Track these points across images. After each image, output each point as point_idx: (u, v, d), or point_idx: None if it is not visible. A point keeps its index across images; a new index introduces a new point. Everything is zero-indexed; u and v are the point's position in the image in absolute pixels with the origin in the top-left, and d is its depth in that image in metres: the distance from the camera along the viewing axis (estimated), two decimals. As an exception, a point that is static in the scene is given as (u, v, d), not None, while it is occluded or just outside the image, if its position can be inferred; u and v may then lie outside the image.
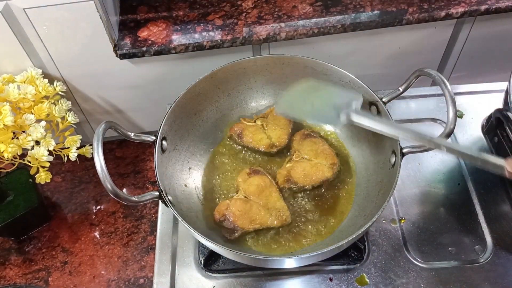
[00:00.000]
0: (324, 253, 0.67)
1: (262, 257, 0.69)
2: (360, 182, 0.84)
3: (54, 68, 0.89)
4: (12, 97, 0.80)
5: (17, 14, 0.78)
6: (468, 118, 0.97)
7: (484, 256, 0.80)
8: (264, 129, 0.88)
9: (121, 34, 0.88)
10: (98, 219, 0.96)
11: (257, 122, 0.89)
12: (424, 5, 0.89)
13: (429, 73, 0.71)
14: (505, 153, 0.83)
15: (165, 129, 0.79)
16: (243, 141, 0.87)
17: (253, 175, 0.82)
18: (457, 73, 1.09)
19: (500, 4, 0.88)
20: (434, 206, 0.87)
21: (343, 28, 0.88)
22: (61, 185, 1.01)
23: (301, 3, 0.92)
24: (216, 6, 0.92)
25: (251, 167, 0.85)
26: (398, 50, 1.00)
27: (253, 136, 0.87)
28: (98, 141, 0.63)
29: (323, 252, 0.66)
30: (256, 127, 0.88)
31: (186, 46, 0.87)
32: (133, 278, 0.88)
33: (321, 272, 0.80)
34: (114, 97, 0.99)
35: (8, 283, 0.88)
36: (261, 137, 0.87)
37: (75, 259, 0.91)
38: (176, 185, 0.81)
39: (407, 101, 0.99)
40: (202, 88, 0.84)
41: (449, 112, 0.69)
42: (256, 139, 0.87)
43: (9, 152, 0.78)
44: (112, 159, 1.04)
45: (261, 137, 0.87)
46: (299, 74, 0.87)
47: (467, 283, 0.78)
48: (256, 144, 0.87)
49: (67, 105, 0.88)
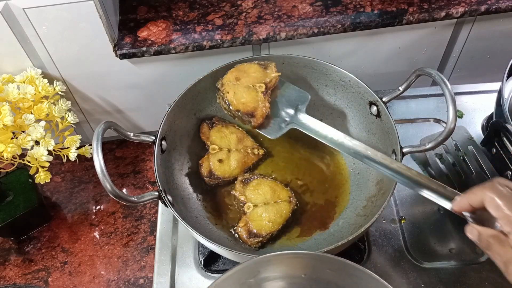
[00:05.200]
0: (323, 253, 0.67)
1: (262, 257, 0.69)
2: (360, 182, 0.84)
3: (53, 68, 0.89)
4: (12, 97, 0.80)
5: (16, 14, 0.78)
6: (468, 118, 0.97)
7: (484, 256, 0.80)
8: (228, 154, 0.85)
9: (121, 34, 0.88)
10: (98, 219, 0.96)
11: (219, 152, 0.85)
12: (424, 5, 0.89)
13: (429, 72, 0.71)
14: (504, 164, 0.82)
15: (164, 129, 0.78)
16: (216, 180, 0.84)
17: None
18: (457, 73, 1.09)
19: (500, 4, 0.88)
20: (434, 206, 0.87)
21: (343, 28, 0.88)
22: (60, 185, 1.01)
23: (301, 3, 0.91)
24: (216, 6, 0.92)
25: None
26: (398, 50, 1.00)
27: (220, 168, 0.84)
28: (97, 141, 0.63)
29: (323, 252, 0.66)
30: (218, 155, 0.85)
31: (186, 46, 0.87)
32: (133, 278, 0.87)
33: (321, 272, 0.79)
34: (114, 97, 0.99)
35: (8, 283, 0.88)
36: (225, 168, 0.84)
37: (75, 259, 0.90)
38: (176, 185, 0.81)
39: (407, 101, 0.99)
40: (202, 88, 0.84)
41: (449, 112, 0.69)
42: (222, 171, 0.84)
43: (8, 152, 0.78)
44: (111, 159, 1.04)
45: (225, 168, 0.84)
46: (299, 73, 0.87)
47: (468, 283, 0.78)
48: (227, 176, 0.84)
49: (67, 105, 0.88)
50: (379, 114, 0.80)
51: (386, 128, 0.79)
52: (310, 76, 0.87)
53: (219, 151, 0.84)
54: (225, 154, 0.84)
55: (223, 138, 0.86)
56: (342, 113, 0.89)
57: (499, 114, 0.81)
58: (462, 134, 0.94)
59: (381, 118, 0.80)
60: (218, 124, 0.87)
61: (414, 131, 0.95)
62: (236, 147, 0.85)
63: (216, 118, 0.88)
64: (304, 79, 0.88)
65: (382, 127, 0.80)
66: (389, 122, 0.77)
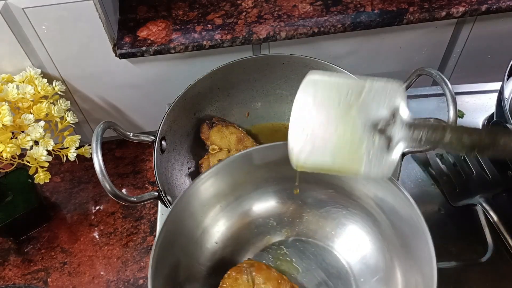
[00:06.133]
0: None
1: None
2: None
3: (53, 68, 0.89)
4: (11, 97, 0.80)
5: (16, 14, 0.78)
6: (469, 117, 0.97)
7: (484, 256, 0.80)
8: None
9: (120, 33, 0.88)
10: (97, 219, 0.96)
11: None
12: (424, 5, 0.89)
13: (430, 72, 0.71)
14: (505, 165, 0.82)
15: (164, 129, 0.78)
16: None
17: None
18: (458, 72, 1.08)
19: (501, 4, 0.88)
20: (434, 206, 0.86)
21: (343, 27, 0.88)
22: (60, 185, 1.01)
23: (301, 2, 0.91)
24: (215, 6, 0.92)
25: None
26: (399, 49, 0.99)
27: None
28: (97, 141, 0.63)
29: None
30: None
31: (185, 46, 0.87)
32: (133, 278, 0.87)
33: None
34: (113, 97, 0.99)
35: (7, 283, 0.87)
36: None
37: (74, 259, 0.90)
38: (175, 186, 0.81)
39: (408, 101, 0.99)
40: (202, 88, 0.84)
41: (449, 112, 0.69)
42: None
43: (8, 152, 0.78)
44: (111, 159, 1.04)
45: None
46: (299, 73, 0.87)
47: (468, 284, 0.77)
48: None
49: (66, 105, 0.88)
50: (380, 114, 0.80)
51: (386, 128, 0.78)
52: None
53: (219, 151, 0.84)
54: (225, 154, 0.84)
55: (223, 138, 0.85)
56: (342, 113, 0.88)
57: (499, 114, 0.81)
58: (462, 134, 0.93)
59: (381, 118, 0.80)
60: (218, 124, 0.87)
61: (414, 131, 0.95)
62: (236, 147, 0.85)
63: (216, 118, 0.88)
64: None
65: (383, 127, 0.80)
66: (389, 122, 0.77)
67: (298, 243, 0.74)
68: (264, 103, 0.93)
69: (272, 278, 0.68)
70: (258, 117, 0.94)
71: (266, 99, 0.93)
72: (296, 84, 0.88)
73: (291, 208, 0.74)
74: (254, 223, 0.75)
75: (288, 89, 0.91)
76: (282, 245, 0.74)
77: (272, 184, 0.73)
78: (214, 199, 0.70)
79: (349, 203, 0.70)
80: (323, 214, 0.73)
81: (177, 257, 0.66)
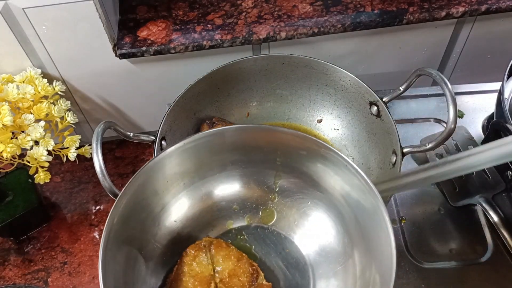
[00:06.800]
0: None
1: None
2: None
3: (53, 68, 0.89)
4: (11, 97, 0.80)
5: (16, 14, 0.78)
6: (468, 117, 0.97)
7: (485, 256, 0.80)
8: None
9: (120, 33, 0.88)
10: (98, 219, 0.96)
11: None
12: (424, 5, 0.89)
13: (430, 72, 0.71)
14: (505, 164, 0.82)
15: (164, 129, 0.78)
16: None
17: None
18: (458, 72, 1.08)
19: (501, 4, 0.88)
20: (434, 206, 0.87)
21: (343, 27, 0.88)
22: (60, 185, 1.01)
23: (301, 2, 0.91)
24: (215, 6, 0.92)
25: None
26: (399, 49, 0.99)
27: None
28: (97, 141, 0.63)
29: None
30: None
31: (185, 46, 0.87)
32: (133, 278, 0.87)
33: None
34: (114, 97, 0.99)
35: (7, 283, 0.87)
36: None
37: (75, 259, 0.90)
38: (175, 185, 0.81)
39: (408, 101, 0.99)
40: (202, 88, 0.84)
41: (449, 112, 0.69)
42: None
43: (8, 152, 0.78)
44: (111, 159, 1.04)
45: None
46: (299, 73, 0.87)
47: (468, 284, 0.77)
48: None
49: (66, 105, 0.88)
50: (380, 114, 0.80)
51: (386, 128, 0.79)
52: (310, 76, 0.87)
53: None
54: None
55: None
56: (342, 113, 0.88)
57: (499, 114, 0.81)
58: (462, 134, 0.94)
59: (381, 118, 0.80)
60: (218, 124, 0.87)
61: (414, 131, 0.95)
62: None
63: (216, 118, 0.88)
64: (304, 79, 0.88)
65: (383, 127, 0.80)
66: (389, 122, 0.77)
67: (259, 230, 0.73)
68: (264, 103, 0.93)
69: (231, 256, 0.67)
70: (258, 117, 0.94)
71: (266, 99, 0.93)
72: (296, 84, 0.89)
73: (255, 194, 0.73)
74: (217, 206, 0.73)
75: (288, 89, 0.91)
76: (243, 231, 0.73)
77: (239, 167, 0.71)
78: (178, 175, 0.68)
79: (315, 194, 0.69)
80: (288, 204, 0.72)
81: (132, 232, 0.63)
